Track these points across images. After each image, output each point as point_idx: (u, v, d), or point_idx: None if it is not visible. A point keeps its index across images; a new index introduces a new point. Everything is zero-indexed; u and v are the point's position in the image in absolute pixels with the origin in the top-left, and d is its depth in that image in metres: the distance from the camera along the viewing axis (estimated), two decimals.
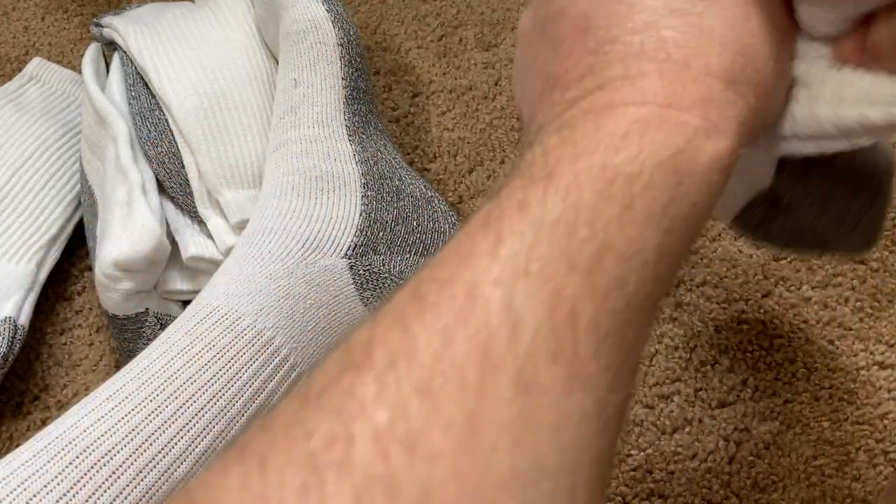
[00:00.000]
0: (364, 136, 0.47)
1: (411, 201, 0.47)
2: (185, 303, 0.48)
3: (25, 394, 0.48)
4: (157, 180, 0.48)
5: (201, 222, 0.48)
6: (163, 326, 0.45)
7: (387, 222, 0.46)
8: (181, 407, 0.35)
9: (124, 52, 0.51)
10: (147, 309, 0.45)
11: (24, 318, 0.46)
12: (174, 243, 0.47)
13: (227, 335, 0.38)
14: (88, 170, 0.51)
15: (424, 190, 0.49)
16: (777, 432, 0.44)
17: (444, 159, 0.58)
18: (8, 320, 0.45)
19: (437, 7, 0.67)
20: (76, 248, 0.54)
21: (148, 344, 0.44)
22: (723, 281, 0.50)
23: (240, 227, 0.47)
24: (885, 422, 0.45)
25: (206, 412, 0.36)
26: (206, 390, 0.36)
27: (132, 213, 0.44)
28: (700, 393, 0.46)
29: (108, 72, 0.55)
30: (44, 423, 0.47)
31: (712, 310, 0.49)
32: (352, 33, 0.47)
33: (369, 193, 0.46)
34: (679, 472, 0.43)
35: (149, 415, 0.34)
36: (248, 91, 0.49)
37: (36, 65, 0.59)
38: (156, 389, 0.35)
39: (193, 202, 0.48)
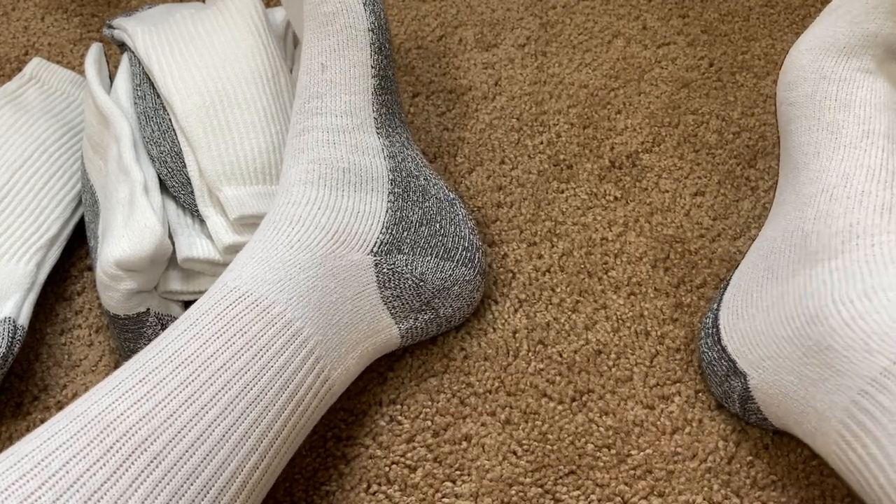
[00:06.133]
0: (391, 129, 0.47)
1: (436, 202, 0.47)
2: (185, 303, 0.48)
3: (25, 394, 0.48)
4: (160, 180, 0.48)
5: (202, 222, 0.48)
6: (163, 326, 0.45)
7: (412, 222, 0.45)
8: (217, 394, 0.35)
9: (133, 52, 0.52)
10: (148, 309, 0.45)
11: (23, 318, 0.46)
12: (174, 244, 0.47)
13: (259, 322, 0.37)
14: (90, 169, 0.51)
15: (447, 192, 0.48)
16: (776, 432, 0.44)
17: (444, 159, 0.58)
18: (8, 320, 0.45)
19: (437, 7, 0.67)
20: (76, 248, 0.54)
21: (149, 344, 0.44)
22: (723, 282, 0.50)
23: (239, 223, 0.47)
24: None
25: (241, 400, 0.35)
26: (240, 378, 0.36)
27: (134, 213, 0.44)
28: (700, 394, 0.46)
29: (110, 72, 0.55)
30: (43, 423, 0.47)
31: None
32: (382, 17, 0.46)
33: (396, 191, 0.45)
34: (679, 472, 0.43)
35: (185, 400, 0.34)
36: (252, 88, 0.50)
37: (36, 65, 0.59)
38: (190, 375, 0.35)
39: (195, 201, 0.48)
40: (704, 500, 0.42)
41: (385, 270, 0.44)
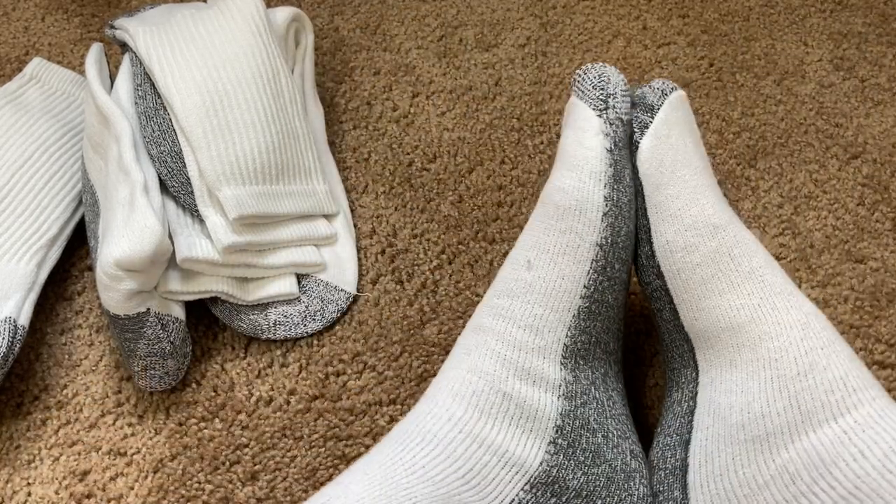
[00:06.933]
0: (584, 363, 0.39)
1: (608, 471, 0.37)
2: (185, 303, 0.48)
3: (26, 393, 0.48)
4: (160, 180, 0.48)
5: (202, 222, 0.48)
6: (163, 326, 0.45)
7: (567, 489, 0.36)
8: None
9: (134, 52, 0.52)
10: (148, 309, 0.45)
11: (24, 318, 0.46)
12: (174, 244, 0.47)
13: None
14: (91, 169, 0.51)
15: (629, 458, 0.38)
16: None
17: (444, 159, 0.58)
18: (8, 320, 0.45)
19: (437, 7, 0.67)
20: (76, 248, 0.54)
21: (149, 344, 0.44)
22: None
23: (239, 224, 0.47)
24: None
25: None
26: None
27: (134, 213, 0.44)
28: None
29: (111, 72, 0.55)
30: (44, 423, 0.47)
31: None
32: (620, 234, 0.38)
33: (560, 442, 0.37)
34: None
35: None
36: (252, 88, 0.50)
37: (36, 65, 0.59)
38: None
39: (195, 201, 0.48)
40: None
41: None
